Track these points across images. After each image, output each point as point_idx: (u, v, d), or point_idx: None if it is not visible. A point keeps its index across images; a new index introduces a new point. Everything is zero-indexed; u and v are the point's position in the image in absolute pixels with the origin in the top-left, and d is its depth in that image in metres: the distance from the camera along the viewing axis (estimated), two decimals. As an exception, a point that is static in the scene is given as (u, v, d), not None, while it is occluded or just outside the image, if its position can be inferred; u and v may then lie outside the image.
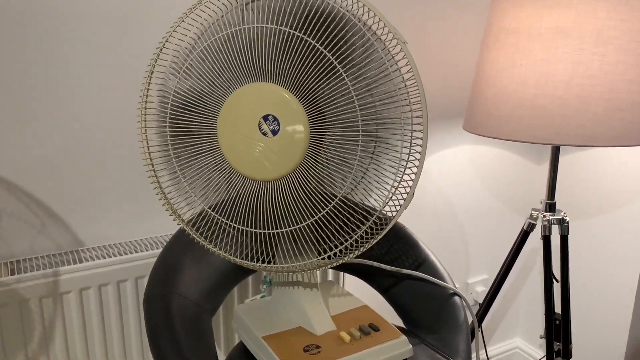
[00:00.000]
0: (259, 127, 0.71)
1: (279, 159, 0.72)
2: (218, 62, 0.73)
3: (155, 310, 0.79)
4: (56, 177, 0.98)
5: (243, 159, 0.72)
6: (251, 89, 0.71)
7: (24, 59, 0.91)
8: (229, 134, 0.72)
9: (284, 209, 0.75)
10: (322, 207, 0.76)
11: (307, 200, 0.75)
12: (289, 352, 0.76)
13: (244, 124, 0.71)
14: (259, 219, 0.75)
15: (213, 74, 0.73)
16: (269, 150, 0.72)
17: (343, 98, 0.73)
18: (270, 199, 0.74)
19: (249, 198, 0.74)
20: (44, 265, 0.94)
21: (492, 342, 1.78)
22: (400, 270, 0.95)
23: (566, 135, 0.99)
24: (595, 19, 0.95)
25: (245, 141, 0.72)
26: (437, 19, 1.34)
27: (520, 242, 1.27)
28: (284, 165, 0.72)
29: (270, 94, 0.71)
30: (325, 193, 0.77)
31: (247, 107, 0.71)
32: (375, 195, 0.80)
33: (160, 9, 1.00)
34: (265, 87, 0.71)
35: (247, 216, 0.75)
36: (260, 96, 0.71)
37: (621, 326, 1.48)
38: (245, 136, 0.71)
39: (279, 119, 0.71)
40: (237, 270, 0.92)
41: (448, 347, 0.88)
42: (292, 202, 0.75)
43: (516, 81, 1.02)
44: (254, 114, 0.71)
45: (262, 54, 0.71)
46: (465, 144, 1.49)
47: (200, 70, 0.73)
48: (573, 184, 1.55)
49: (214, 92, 0.73)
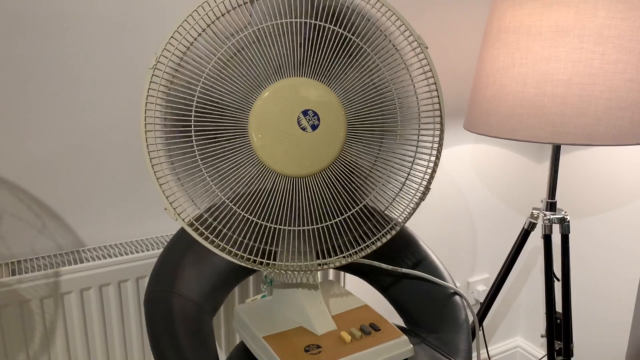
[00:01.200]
0: (298, 123, 0.71)
1: (317, 155, 0.73)
2: (248, 59, 0.71)
3: (156, 310, 0.79)
4: (57, 178, 0.98)
5: (278, 155, 0.71)
6: (287, 84, 0.71)
7: (25, 60, 0.91)
8: (263, 130, 0.70)
9: (313, 206, 0.75)
10: (350, 205, 0.77)
11: (337, 198, 0.76)
12: (290, 352, 0.76)
13: (282, 120, 0.71)
14: (280, 214, 0.75)
15: (244, 71, 0.71)
16: (309, 145, 0.72)
17: (375, 93, 0.76)
18: (299, 195, 0.74)
19: (272, 194, 0.74)
20: (44, 265, 0.94)
21: (493, 341, 1.77)
22: (401, 269, 0.95)
23: (566, 134, 0.99)
24: (595, 18, 0.95)
25: (283, 137, 0.71)
26: (438, 19, 1.34)
27: (521, 241, 1.27)
28: (321, 161, 0.73)
29: (308, 88, 0.71)
30: (352, 191, 0.78)
31: (284, 103, 0.70)
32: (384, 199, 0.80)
33: (160, 11, 1.00)
34: (301, 82, 0.71)
35: (266, 211, 0.74)
36: (297, 91, 0.71)
37: (622, 325, 1.48)
38: (283, 132, 0.71)
39: (318, 114, 0.72)
40: (238, 271, 0.92)
41: (449, 346, 0.88)
42: (320, 199, 0.75)
43: (516, 80, 1.02)
44: (292, 109, 0.71)
45: (294, 49, 0.72)
46: (465, 143, 1.49)
47: (230, 67, 0.71)
48: (574, 183, 1.55)
49: (244, 88, 0.71)
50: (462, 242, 1.58)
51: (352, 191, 0.78)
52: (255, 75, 0.71)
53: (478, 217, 1.59)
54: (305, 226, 0.75)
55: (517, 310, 1.79)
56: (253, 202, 0.73)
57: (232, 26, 0.72)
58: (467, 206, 1.55)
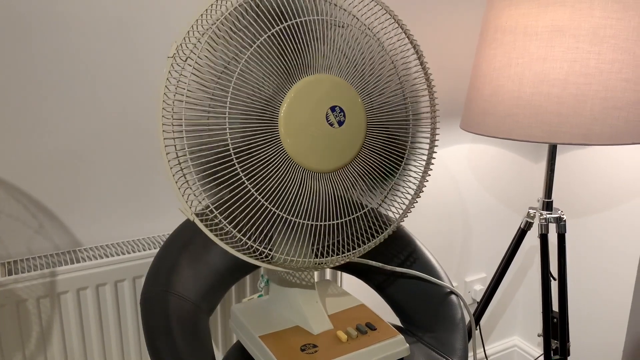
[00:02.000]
0: (327, 118, 0.72)
1: (341, 151, 0.74)
2: (282, 51, 0.71)
3: (152, 310, 0.79)
4: (54, 178, 0.98)
5: (306, 150, 0.72)
6: (317, 79, 0.72)
7: (23, 60, 0.91)
8: (293, 124, 0.71)
9: (329, 202, 0.75)
10: (357, 204, 0.78)
11: (350, 196, 0.77)
12: (286, 351, 0.76)
13: (312, 115, 0.71)
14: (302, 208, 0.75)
15: (275, 66, 0.71)
16: (334, 141, 0.73)
17: (391, 91, 0.78)
18: (319, 190, 0.75)
19: (295, 189, 0.74)
20: (41, 265, 0.94)
21: (490, 341, 1.78)
22: (397, 269, 0.95)
23: (562, 134, 0.99)
24: (590, 18, 0.95)
25: (312, 131, 0.71)
26: (434, 19, 1.35)
27: (518, 241, 1.27)
28: (343, 158, 0.75)
29: (334, 85, 0.73)
30: (364, 190, 0.78)
31: (314, 99, 0.71)
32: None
33: (160, 12, 1.00)
34: (327, 78, 0.72)
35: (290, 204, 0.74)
36: (325, 87, 0.72)
37: (619, 323, 1.49)
38: (312, 126, 0.71)
39: (344, 110, 0.73)
40: (234, 270, 0.92)
41: (445, 345, 0.88)
42: (336, 195, 0.75)
43: (512, 80, 1.03)
44: (322, 104, 0.72)
45: (322, 46, 0.73)
46: (462, 143, 1.49)
47: (262, 62, 0.71)
48: (570, 182, 1.56)
49: (275, 84, 0.71)
50: (459, 241, 1.58)
51: (364, 190, 0.79)
52: (290, 68, 0.71)
53: (475, 216, 1.59)
54: (324, 221, 0.76)
55: (514, 309, 1.80)
56: (281, 196, 0.73)
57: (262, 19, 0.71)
58: (464, 206, 1.56)
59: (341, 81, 0.73)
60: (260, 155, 0.70)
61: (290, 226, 0.74)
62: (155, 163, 1.07)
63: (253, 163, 0.70)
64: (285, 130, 0.70)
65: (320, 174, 0.74)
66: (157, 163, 1.07)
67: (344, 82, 0.74)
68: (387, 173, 0.81)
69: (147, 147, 1.05)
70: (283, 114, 0.70)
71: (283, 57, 0.71)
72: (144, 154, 1.05)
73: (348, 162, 0.76)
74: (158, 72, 1.03)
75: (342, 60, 0.74)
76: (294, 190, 0.73)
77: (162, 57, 1.03)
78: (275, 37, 0.70)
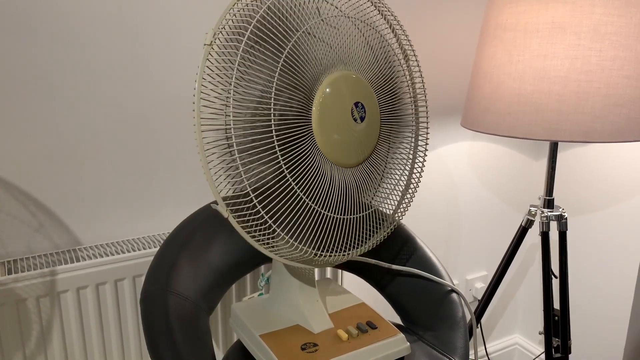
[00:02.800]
0: (352, 113, 0.74)
1: (361, 146, 0.75)
2: (318, 43, 0.71)
3: (151, 309, 0.79)
4: (53, 177, 0.98)
5: (334, 144, 0.73)
6: (344, 75, 0.73)
7: (22, 59, 0.91)
8: (325, 119, 0.71)
9: (352, 196, 0.76)
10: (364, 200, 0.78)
11: (361, 191, 0.77)
12: (287, 350, 0.76)
13: (340, 110, 0.72)
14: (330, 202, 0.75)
15: (316, 54, 0.70)
16: (357, 136, 0.74)
17: (398, 87, 0.80)
18: (343, 185, 0.75)
19: (327, 183, 0.74)
20: (41, 264, 0.94)
21: (491, 339, 1.78)
22: (398, 267, 0.95)
23: (563, 131, 0.98)
24: (592, 15, 0.94)
25: (341, 127, 0.72)
26: (435, 17, 1.34)
27: (519, 239, 1.27)
28: (363, 153, 0.76)
29: (355, 82, 0.73)
30: (373, 187, 0.79)
31: (341, 95, 0.72)
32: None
33: (160, 9, 1.00)
34: (348, 74, 0.73)
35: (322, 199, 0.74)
36: (348, 84, 0.73)
37: (620, 321, 1.48)
38: (341, 122, 0.72)
39: (365, 107, 0.75)
40: (234, 269, 0.91)
41: (446, 344, 0.88)
42: (352, 190, 0.76)
43: (513, 77, 1.02)
44: (348, 100, 0.73)
45: (346, 43, 0.73)
46: (463, 141, 1.49)
47: (302, 54, 0.70)
48: (571, 180, 1.55)
49: (310, 78, 0.71)
50: (460, 239, 1.58)
51: (373, 187, 0.79)
52: (324, 60, 0.71)
53: (476, 214, 1.59)
54: (350, 215, 0.76)
55: (515, 307, 1.80)
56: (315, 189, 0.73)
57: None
58: (465, 203, 1.55)
59: (359, 77, 0.74)
60: (298, 148, 0.70)
61: (323, 220, 0.73)
62: (156, 162, 1.07)
63: (292, 156, 0.70)
64: (317, 125, 0.71)
65: (345, 169, 0.75)
66: (157, 162, 1.07)
67: (361, 78, 0.75)
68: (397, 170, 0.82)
69: (146, 146, 1.05)
70: (315, 109, 0.71)
71: (315, 52, 0.71)
72: (144, 152, 1.05)
73: (367, 157, 0.77)
74: (159, 70, 1.03)
75: (362, 55, 0.75)
76: (325, 184, 0.73)
77: (162, 56, 1.02)
78: (308, 34, 0.70)
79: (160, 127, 1.06)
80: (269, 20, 0.69)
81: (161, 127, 1.06)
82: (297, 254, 0.74)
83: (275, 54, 0.68)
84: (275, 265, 0.85)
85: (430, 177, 1.45)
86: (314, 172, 0.71)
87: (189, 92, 1.07)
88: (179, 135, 1.08)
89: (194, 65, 1.06)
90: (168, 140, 1.07)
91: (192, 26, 1.04)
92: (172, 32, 1.03)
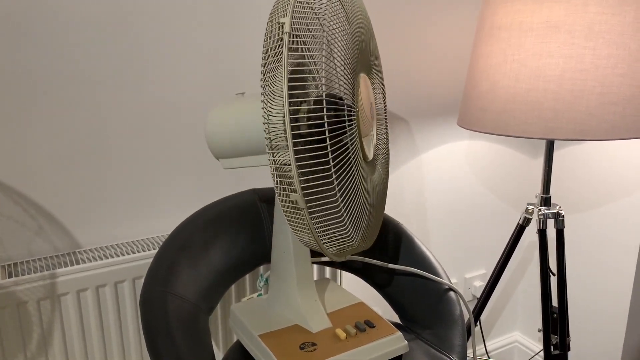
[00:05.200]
0: (370, 110, 0.76)
1: (374, 139, 0.79)
2: (358, 43, 0.73)
3: (151, 310, 0.79)
4: (53, 180, 0.99)
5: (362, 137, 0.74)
6: (363, 75, 0.76)
7: (21, 61, 0.92)
8: (360, 111, 0.72)
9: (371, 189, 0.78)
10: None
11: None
12: (285, 350, 0.76)
13: (365, 107, 0.74)
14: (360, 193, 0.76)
15: (354, 53, 0.71)
16: (372, 129, 0.77)
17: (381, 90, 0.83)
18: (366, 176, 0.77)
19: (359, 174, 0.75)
20: (41, 267, 0.94)
21: (491, 337, 1.78)
22: (395, 266, 0.96)
23: (559, 130, 0.99)
24: (585, 13, 0.95)
25: (365, 119, 0.74)
26: (431, 16, 1.35)
27: (516, 237, 1.28)
28: (373, 148, 0.78)
29: (368, 80, 0.77)
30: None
31: (367, 91, 0.75)
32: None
33: (161, 11, 1.01)
34: (366, 75, 0.76)
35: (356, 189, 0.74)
36: (369, 81, 0.76)
37: (619, 317, 1.49)
38: (367, 119, 0.74)
39: (374, 101, 0.78)
40: (233, 269, 0.92)
41: (444, 342, 0.89)
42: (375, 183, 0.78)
43: (508, 76, 1.03)
44: (369, 97, 0.76)
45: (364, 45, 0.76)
46: (460, 140, 1.50)
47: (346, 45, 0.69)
48: (568, 178, 1.56)
49: (353, 71, 0.71)
50: (458, 238, 1.59)
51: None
52: (359, 60, 0.72)
53: (474, 213, 1.59)
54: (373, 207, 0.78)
55: (514, 305, 1.80)
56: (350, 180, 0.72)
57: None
58: (463, 202, 1.56)
59: (365, 76, 0.76)
60: (349, 137, 0.68)
61: (364, 210, 0.73)
62: (155, 164, 1.07)
63: (346, 147, 0.68)
64: (358, 115, 0.71)
65: (365, 162, 0.76)
66: (157, 164, 1.08)
67: (365, 75, 0.77)
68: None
69: (146, 148, 1.06)
70: (357, 99, 0.70)
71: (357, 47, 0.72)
72: (143, 155, 1.06)
73: (374, 153, 0.79)
74: (158, 71, 1.03)
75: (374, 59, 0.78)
76: (358, 175, 0.73)
77: (163, 57, 1.03)
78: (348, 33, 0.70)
79: (160, 130, 1.06)
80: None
81: (161, 129, 1.06)
82: (348, 243, 0.72)
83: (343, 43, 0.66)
84: (274, 265, 0.86)
85: (428, 176, 1.46)
86: (359, 163, 0.71)
87: (190, 93, 1.07)
88: (178, 137, 1.08)
89: (195, 67, 1.07)
90: (167, 143, 1.08)
91: (193, 27, 1.05)
92: (174, 33, 1.03)
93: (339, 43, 0.67)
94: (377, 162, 0.81)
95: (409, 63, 1.35)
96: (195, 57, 1.07)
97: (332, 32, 0.65)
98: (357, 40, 0.71)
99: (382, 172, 0.82)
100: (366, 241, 0.78)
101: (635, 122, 0.99)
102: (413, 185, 1.44)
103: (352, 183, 0.69)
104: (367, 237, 0.78)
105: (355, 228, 0.72)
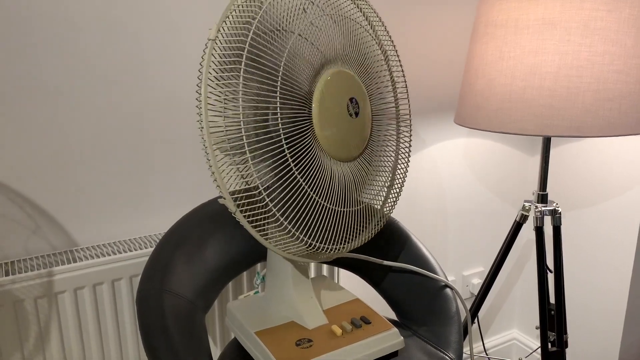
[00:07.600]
0: (347, 109, 0.74)
1: (356, 141, 0.76)
2: (316, 39, 0.72)
3: (147, 308, 0.79)
4: (49, 178, 0.99)
5: (333, 139, 0.73)
6: (339, 71, 0.74)
7: (18, 61, 0.92)
8: (324, 115, 0.72)
9: (349, 190, 0.77)
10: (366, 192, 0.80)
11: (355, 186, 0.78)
12: (281, 346, 0.76)
13: (337, 105, 0.73)
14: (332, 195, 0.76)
15: (314, 50, 0.72)
16: (352, 131, 0.75)
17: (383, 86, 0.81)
18: (341, 179, 0.76)
19: (328, 176, 0.76)
20: (38, 265, 0.94)
21: (489, 334, 1.78)
22: (392, 263, 0.96)
23: (555, 127, 0.99)
24: (581, 10, 0.95)
25: (339, 122, 0.73)
26: (427, 13, 1.35)
27: (513, 234, 1.28)
28: (358, 148, 0.77)
29: (348, 77, 0.74)
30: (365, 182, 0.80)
31: (337, 91, 0.73)
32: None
33: (158, 12, 1.01)
34: (343, 71, 0.74)
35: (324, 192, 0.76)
36: (342, 80, 0.74)
37: (616, 314, 1.49)
38: (338, 117, 0.73)
39: (359, 102, 0.76)
40: (229, 267, 0.92)
41: (440, 338, 0.89)
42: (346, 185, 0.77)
43: (505, 74, 1.03)
44: (344, 95, 0.74)
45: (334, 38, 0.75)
46: (457, 138, 1.50)
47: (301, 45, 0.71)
48: (565, 174, 1.56)
49: (311, 70, 0.72)
50: (456, 235, 1.59)
51: (367, 180, 0.80)
52: (322, 57, 0.72)
53: (471, 210, 1.60)
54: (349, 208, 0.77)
55: (512, 302, 1.80)
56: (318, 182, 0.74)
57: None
58: (460, 200, 1.56)
59: (350, 73, 0.75)
60: (301, 143, 0.71)
61: (325, 212, 0.74)
62: (151, 162, 1.07)
63: (296, 150, 0.71)
64: (317, 120, 0.71)
65: (342, 163, 0.76)
66: (153, 162, 1.08)
67: (352, 74, 0.75)
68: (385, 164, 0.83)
69: (142, 146, 1.06)
70: (315, 104, 0.71)
71: (318, 43, 0.72)
72: (140, 153, 1.06)
73: (362, 152, 0.78)
74: (154, 70, 1.03)
75: (349, 51, 0.76)
76: (327, 177, 0.73)
77: (158, 55, 1.03)
78: (301, 36, 0.71)
79: (156, 128, 1.06)
80: (267, 19, 0.69)
81: (157, 127, 1.06)
82: (302, 247, 0.74)
83: (277, 52, 0.69)
84: (270, 263, 0.86)
85: (425, 173, 1.46)
86: (316, 166, 0.72)
87: (184, 91, 1.08)
88: (175, 136, 1.09)
89: (190, 65, 1.07)
90: (164, 141, 1.08)
91: (187, 26, 1.05)
92: (168, 32, 1.03)
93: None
94: (369, 158, 0.81)
95: (405, 61, 1.35)
96: (191, 58, 1.07)
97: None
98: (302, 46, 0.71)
99: (374, 170, 0.82)
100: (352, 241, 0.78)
101: (632, 118, 0.99)
102: (410, 182, 1.44)
103: (293, 182, 0.71)
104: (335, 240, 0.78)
105: (305, 230, 0.73)
